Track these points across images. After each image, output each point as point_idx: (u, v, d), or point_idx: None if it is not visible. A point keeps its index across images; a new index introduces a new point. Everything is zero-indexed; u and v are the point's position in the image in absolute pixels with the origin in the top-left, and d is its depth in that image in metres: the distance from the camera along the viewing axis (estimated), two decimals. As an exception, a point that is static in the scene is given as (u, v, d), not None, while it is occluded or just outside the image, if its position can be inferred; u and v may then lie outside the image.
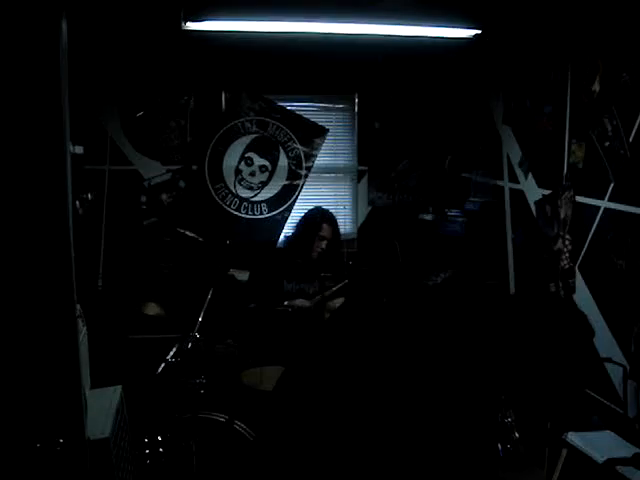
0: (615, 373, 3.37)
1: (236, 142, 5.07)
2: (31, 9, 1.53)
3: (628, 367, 3.25)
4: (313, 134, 5.14)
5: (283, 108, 5.09)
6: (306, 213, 4.33)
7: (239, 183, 5.12)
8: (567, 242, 3.82)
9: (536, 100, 4.24)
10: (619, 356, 3.32)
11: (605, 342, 3.45)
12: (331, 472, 1.86)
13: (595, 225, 3.59)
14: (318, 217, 4.21)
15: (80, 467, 1.71)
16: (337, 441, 1.88)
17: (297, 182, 5.14)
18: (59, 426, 1.67)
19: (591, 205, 3.62)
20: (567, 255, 3.82)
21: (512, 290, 4.66)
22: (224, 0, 3.56)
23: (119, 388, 2.62)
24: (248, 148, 5.10)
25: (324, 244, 4.12)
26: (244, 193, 5.13)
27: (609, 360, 3.38)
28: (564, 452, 2.96)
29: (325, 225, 4.16)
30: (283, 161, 5.12)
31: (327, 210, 4.32)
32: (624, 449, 2.88)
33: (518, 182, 4.53)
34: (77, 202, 4.24)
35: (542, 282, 4.07)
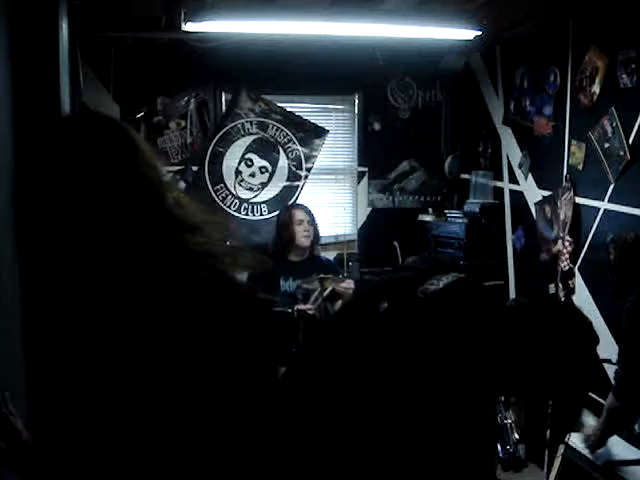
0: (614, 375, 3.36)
1: (236, 143, 5.06)
2: (31, 8, 1.53)
3: (628, 368, 3.24)
4: (313, 135, 5.13)
5: (283, 109, 5.08)
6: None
7: (239, 184, 5.11)
8: (567, 243, 3.82)
9: (536, 101, 4.24)
10: (619, 357, 3.31)
11: (604, 343, 3.44)
12: (331, 473, 1.86)
13: (595, 226, 3.59)
14: (285, 209, 4.44)
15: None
16: (337, 443, 1.88)
17: (297, 183, 5.14)
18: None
19: (591, 206, 3.62)
20: (567, 256, 3.82)
21: (512, 291, 4.66)
22: (224, 1, 3.56)
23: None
24: (248, 149, 5.09)
25: (305, 226, 4.16)
26: (244, 194, 5.12)
27: (608, 361, 3.37)
28: (560, 450, 2.96)
29: (295, 211, 4.28)
30: (283, 162, 5.12)
31: (294, 202, 4.52)
32: (624, 451, 2.88)
33: (518, 183, 4.53)
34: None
35: (542, 283, 4.07)
